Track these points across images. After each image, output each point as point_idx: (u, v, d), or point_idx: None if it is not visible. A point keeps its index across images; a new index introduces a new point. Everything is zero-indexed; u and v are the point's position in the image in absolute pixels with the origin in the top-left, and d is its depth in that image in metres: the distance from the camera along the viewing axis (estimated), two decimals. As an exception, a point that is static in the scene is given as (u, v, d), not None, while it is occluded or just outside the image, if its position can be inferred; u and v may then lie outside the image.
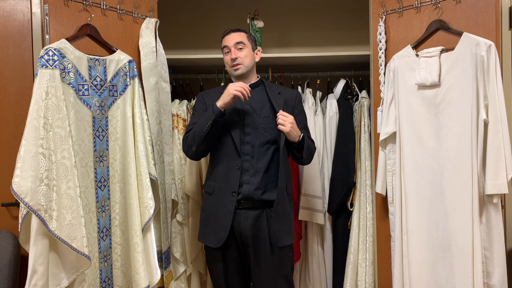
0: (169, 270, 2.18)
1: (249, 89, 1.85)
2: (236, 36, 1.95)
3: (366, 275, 2.33)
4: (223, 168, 1.91)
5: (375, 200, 2.21)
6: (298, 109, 2.02)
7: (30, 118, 1.61)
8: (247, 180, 1.89)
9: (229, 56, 1.94)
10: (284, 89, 2.07)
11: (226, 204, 1.89)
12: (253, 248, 1.90)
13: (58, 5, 1.81)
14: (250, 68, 1.96)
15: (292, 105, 2.00)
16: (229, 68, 1.97)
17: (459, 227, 1.78)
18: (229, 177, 1.89)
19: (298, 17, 2.92)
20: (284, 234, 1.89)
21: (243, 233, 1.89)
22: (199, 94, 2.06)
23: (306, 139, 1.91)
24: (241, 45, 1.93)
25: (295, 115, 1.94)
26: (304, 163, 2.00)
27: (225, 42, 1.96)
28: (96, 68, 1.84)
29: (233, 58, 1.92)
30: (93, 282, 1.81)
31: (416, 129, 1.92)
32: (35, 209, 1.58)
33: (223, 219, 1.89)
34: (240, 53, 1.93)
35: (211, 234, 1.92)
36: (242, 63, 1.93)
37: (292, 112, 1.96)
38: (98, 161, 1.85)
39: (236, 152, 1.89)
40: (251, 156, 1.90)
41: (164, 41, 2.19)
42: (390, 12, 2.11)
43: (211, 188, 1.94)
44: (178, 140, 2.35)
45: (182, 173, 2.34)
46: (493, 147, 1.71)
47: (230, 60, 1.93)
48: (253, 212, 1.89)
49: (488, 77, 1.72)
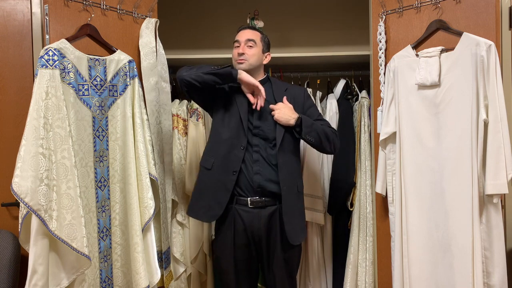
0: (169, 270, 2.18)
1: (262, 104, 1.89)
2: (249, 33, 1.97)
3: (366, 275, 2.33)
4: (227, 146, 1.90)
5: (375, 200, 2.21)
6: (308, 103, 2.02)
7: (30, 118, 1.61)
8: (258, 171, 1.89)
9: (237, 50, 1.95)
10: (291, 86, 2.09)
11: (225, 182, 1.88)
12: (266, 246, 1.92)
13: (58, 5, 1.81)
14: (254, 66, 1.95)
15: (301, 100, 2.00)
16: (234, 62, 1.97)
17: (459, 227, 1.78)
18: (231, 155, 1.89)
19: (298, 17, 2.92)
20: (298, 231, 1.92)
21: (256, 233, 1.91)
22: None
23: (306, 120, 1.87)
24: (251, 42, 1.94)
25: (306, 109, 1.98)
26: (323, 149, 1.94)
27: (237, 36, 1.98)
28: (96, 68, 1.84)
29: (240, 53, 1.93)
30: (93, 282, 1.81)
31: (416, 129, 1.92)
32: (35, 209, 1.58)
33: (220, 196, 1.88)
34: (249, 50, 1.94)
35: (203, 210, 1.92)
36: (247, 60, 1.93)
37: (303, 107, 1.98)
38: (98, 161, 1.85)
39: (243, 132, 1.89)
40: (259, 147, 1.90)
41: (164, 41, 2.19)
42: (390, 12, 2.11)
43: (210, 163, 1.93)
44: (178, 140, 2.35)
45: (182, 173, 2.34)
46: (493, 147, 1.71)
47: (236, 54, 1.94)
48: (266, 211, 1.90)
49: (488, 77, 1.72)
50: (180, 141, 2.36)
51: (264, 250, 1.94)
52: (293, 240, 1.90)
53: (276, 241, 1.92)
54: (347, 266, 2.38)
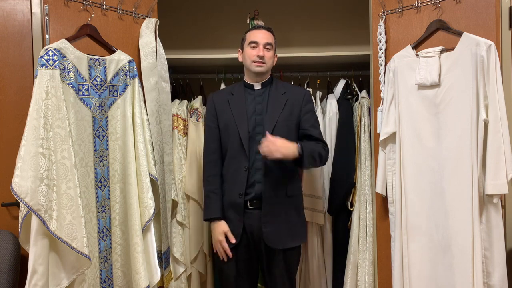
0: (168, 270, 2.18)
1: (229, 254, 1.91)
2: (267, 36, 1.96)
3: (366, 275, 2.33)
4: (233, 170, 1.94)
5: (375, 200, 2.21)
6: (306, 108, 2.01)
7: (30, 118, 1.61)
8: (259, 180, 1.91)
9: (255, 51, 1.93)
10: (292, 88, 2.06)
11: (236, 207, 1.92)
12: (265, 247, 1.92)
13: (58, 5, 1.81)
14: (269, 69, 2.00)
15: (299, 104, 1.99)
16: (249, 63, 1.95)
17: (459, 227, 1.78)
18: (236, 179, 1.92)
19: (298, 17, 2.91)
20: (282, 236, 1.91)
21: (256, 233, 1.91)
22: (209, 96, 2.08)
23: (305, 150, 1.83)
24: (269, 46, 1.96)
25: (302, 114, 1.98)
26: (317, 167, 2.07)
27: (255, 37, 1.95)
28: (96, 68, 1.84)
29: (261, 56, 1.93)
30: (93, 282, 1.81)
31: (416, 129, 1.92)
32: (35, 209, 1.58)
33: (235, 221, 1.92)
34: (267, 53, 1.95)
35: None
36: (266, 63, 1.95)
37: (300, 111, 1.98)
38: (98, 161, 1.85)
39: (243, 154, 1.91)
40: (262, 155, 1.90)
41: (164, 41, 2.19)
42: (390, 12, 2.11)
43: (224, 191, 1.97)
44: (178, 140, 2.35)
45: (182, 173, 2.34)
46: (493, 147, 1.71)
47: (255, 56, 1.93)
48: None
49: (488, 77, 1.72)
50: (180, 141, 2.36)
51: (263, 251, 1.94)
52: (274, 244, 1.89)
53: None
54: (347, 266, 2.38)
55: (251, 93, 2.00)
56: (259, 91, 2.00)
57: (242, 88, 2.03)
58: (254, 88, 2.01)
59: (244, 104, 1.97)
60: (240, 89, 2.03)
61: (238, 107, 1.97)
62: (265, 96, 1.99)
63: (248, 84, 2.02)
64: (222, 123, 1.99)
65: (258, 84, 2.01)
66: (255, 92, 2.00)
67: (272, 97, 1.98)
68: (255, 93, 2.00)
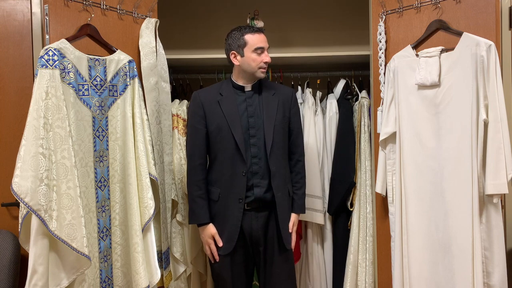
0: (168, 270, 2.18)
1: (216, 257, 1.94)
2: (266, 39, 1.94)
3: (366, 275, 2.33)
4: (228, 174, 1.91)
5: (375, 200, 2.21)
6: (294, 109, 2.02)
7: (30, 118, 1.61)
8: (258, 183, 1.90)
9: (262, 57, 1.90)
10: (279, 88, 2.04)
11: (234, 211, 1.90)
12: (264, 247, 1.93)
13: (58, 5, 1.80)
14: None
15: (289, 105, 2.00)
16: (255, 69, 1.91)
17: (459, 227, 1.78)
18: (235, 183, 1.90)
19: (298, 17, 2.92)
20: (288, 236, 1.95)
21: (255, 234, 1.92)
22: (194, 95, 1.99)
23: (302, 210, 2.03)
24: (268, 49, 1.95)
25: (292, 116, 2.00)
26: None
27: (260, 42, 1.90)
28: (96, 68, 1.84)
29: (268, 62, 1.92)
30: (93, 282, 1.81)
31: (416, 129, 1.92)
32: (35, 209, 1.58)
33: (232, 226, 1.90)
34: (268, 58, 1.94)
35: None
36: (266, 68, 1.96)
37: (289, 112, 1.99)
38: (98, 161, 1.85)
39: (240, 158, 1.88)
40: (259, 158, 1.90)
41: (164, 41, 2.19)
42: (390, 12, 2.11)
43: (216, 195, 1.93)
44: (178, 140, 2.35)
45: (182, 173, 2.34)
46: (493, 147, 1.71)
47: (263, 63, 1.91)
48: (263, 212, 1.93)
49: (488, 77, 1.72)
50: (180, 141, 2.36)
51: (262, 251, 1.94)
52: (288, 244, 1.94)
53: (274, 242, 1.93)
54: (347, 266, 2.38)
55: (240, 95, 1.96)
56: (249, 93, 1.97)
57: (231, 89, 1.97)
58: (244, 90, 1.98)
59: (236, 106, 1.93)
60: (229, 89, 1.97)
61: (230, 109, 1.91)
62: (255, 97, 1.96)
63: (238, 85, 1.98)
64: (213, 125, 1.92)
65: (249, 85, 1.98)
66: (245, 94, 1.97)
67: (265, 99, 1.95)
68: (246, 95, 1.97)
